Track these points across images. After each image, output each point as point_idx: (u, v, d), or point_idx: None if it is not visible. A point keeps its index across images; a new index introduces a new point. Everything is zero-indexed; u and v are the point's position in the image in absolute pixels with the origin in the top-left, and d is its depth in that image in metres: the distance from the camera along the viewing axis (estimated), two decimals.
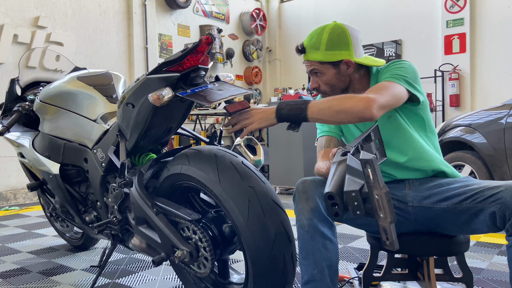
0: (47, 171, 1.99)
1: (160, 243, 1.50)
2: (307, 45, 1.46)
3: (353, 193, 0.93)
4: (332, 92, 1.46)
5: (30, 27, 4.91)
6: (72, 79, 1.97)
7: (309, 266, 1.24)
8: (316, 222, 1.24)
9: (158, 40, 6.43)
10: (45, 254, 2.53)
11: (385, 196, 0.90)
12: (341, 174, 1.00)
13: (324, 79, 1.45)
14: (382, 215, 0.90)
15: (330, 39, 1.42)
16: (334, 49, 1.42)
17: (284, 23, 8.33)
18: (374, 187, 0.91)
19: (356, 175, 0.96)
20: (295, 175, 4.66)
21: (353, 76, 1.46)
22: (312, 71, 1.47)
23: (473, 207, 1.24)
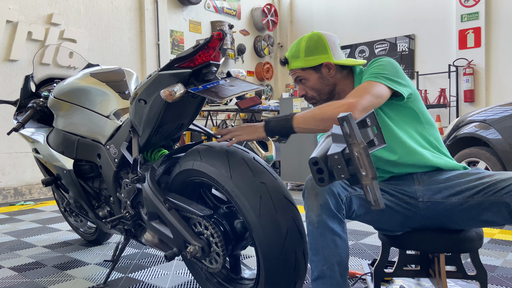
0: (61, 166, 2.02)
1: (172, 238, 1.51)
2: (288, 56, 1.56)
3: (336, 156, 0.94)
4: (319, 96, 1.53)
5: (44, 24, 4.97)
6: (85, 76, 1.99)
7: (319, 262, 1.24)
8: (325, 218, 1.23)
9: (169, 36, 6.45)
10: (60, 249, 2.57)
11: (363, 151, 0.91)
12: (328, 144, 1.02)
13: (309, 85, 1.52)
14: (364, 172, 0.91)
15: (307, 46, 1.51)
16: (312, 54, 1.50)
17: (296, 18, 8.29)
18: (352, 144, 0.92)
19: (339, 141, 0.98)
20: (306, 171, 4.65)
21: (337, 78, 1.51)
22: (297, 79, 1.55)
23: (486, 200, 1.23)
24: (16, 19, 4.70)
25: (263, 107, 6.00)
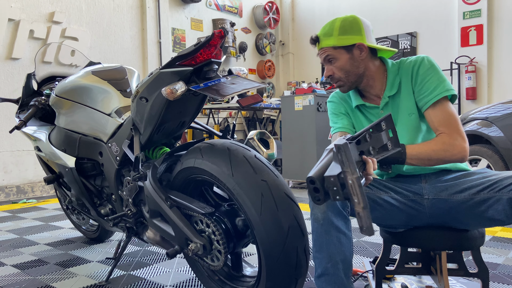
0: (63, 164, 2.02)
1: (174, 236, 1.51)
2: (320, 34, 1.50)
3: (332, 178, 0.95)
4: (346, 77, 1.48)
5: (46, 22, 4.97)
6: (87, 74, 2.00)
7: (323, 259, 1.24)
8: (330, 216, 1.23)
9: (171, 34, 6.45)
10: (62, 246, 2.58)
11: (356, 181, 0.92)
12: (328, 161, 1.02)
13: (338, 65, 1.47)
14: (356, 200, 0.92)
15: (342, 25, 1.46)
16: (346, 33, 1.45)
17: (298, 16, 8.27)
18: (346, 172, 0.93)
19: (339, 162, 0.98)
20: (308, 169, 4.65)
21: (367, 63, 1.47)
22: (326, 58, 1.49)
23: (491, 197, 1.23)
24: (18, 17, 4.70)
25: (265, 105, 6.00)
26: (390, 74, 1.48)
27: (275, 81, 8.36)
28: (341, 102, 1.58)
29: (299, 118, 4.71)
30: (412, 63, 1.45)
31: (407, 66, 1.46)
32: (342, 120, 1.56)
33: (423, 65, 1.42)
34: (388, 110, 1.47)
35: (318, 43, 1.51)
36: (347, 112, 1.57)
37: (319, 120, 4.61)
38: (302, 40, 8.21)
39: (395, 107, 1.46)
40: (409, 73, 1.45)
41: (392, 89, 1.46)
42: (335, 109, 1.59)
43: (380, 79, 1.49)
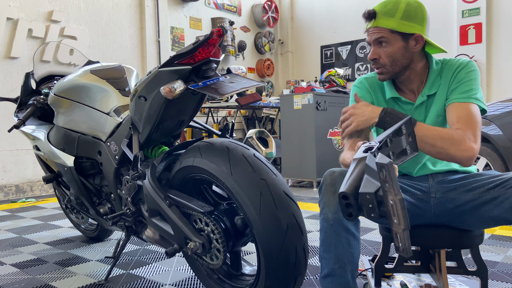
0: (62, 163, 2.02)
1: (173, 235, 1.51)
2: (380, 10, 1.37)
3: (368, 196, 0.90)
4: (391, 66, 1.39)
5: (44, 21, 4.97)
6: (85, 73, 1.99)
7: (331, 260, 1.22)
8: (341, 217, 1.21)
9: (170, 33, 6.44)
10: (61, 245, 2.58)
11: (399, 203, 0.87)
12: (359, 173, 0.97)
13: (388, 50, 1.37)
14: (396, 221, 0.88)
15: (407, 9, 1.35)
16: (409, 19, 1.35)
17: (297, 15, 8.26)
18: (388, 191, 0.88)
19: (373, 176, 0.93)
20: (308, 167, 4.65)
21: (416, 57, 1.40)
22: (377, 39, 1.37)
23: (501, 194, 1.22)
24: (17, 16, 4.69)
25: (264, 103, 5.99)
26: (433, 73, 1.41)
27: (274, 79, 8.36)
28: (369, 91, 1.49)
29: (298, 116, 4.71)
30: (456, 65, 1.39)
31: (450, 68, 1.40)
32: None
33: (467, 69, 1.37)
34: (422, 108, 1.42)
35: (374, 19, 1.37)
36: (372, 103, 1.47)
37: (318, 119, 4.61)
38: (301, 38, 8.21)
39: (428, 107, 1.41)
40: (450, 75, 1.39)
41: (432, 88, 1.40)
42: (362, 97, 1.49)
43: (420, 75, 1.42)
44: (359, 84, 1.51)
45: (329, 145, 4.75)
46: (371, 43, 1.41)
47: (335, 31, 7.69)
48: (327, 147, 4.72)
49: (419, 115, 1.42)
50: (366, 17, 1.39)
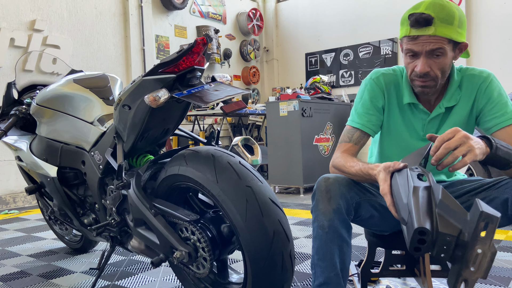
0: (45, 174, 1.99)
1: (159, 244, 1.50)
2: (437, 16, 1.17)
3: (448, 237, 0.85)
4: (441, 80, 1.26)
5: (27, 30, 4.91)
6: (68, 82, 1.98)
7: (326, 268, 1.20)
8: (337, 224, 1.20)
9: (155, 42, 6.43)
10: (45, 257, 2.53)
11: (490, 256, 0.83)
12: (427, 205, 0.90)
13: (442, 62, 1.22)
14: (473, 269, 0.84)
15: (460, 15, 1.20)
16: (462, 27, 1.21)
17: (281, 22, 8.33)
18: (482, 243, 0.83)
19: (452, 216, 0.88)
20: (294, 174, 4.67)
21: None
22: (434, 50, 1.20)
23: (487, 196, 1.23)
24: None
25: (250, 111, 6.01)
26: (453, 85, 1.32)
27: (260, 87, 8.39)
28: (383, 92, 1.37)
29: (284, 123, 4.73)
30: (481, 79, 1.32)
31: (472, 80, 1.33)
32: (371, 117, 1.37)
33: (494, 84, 1.31)
34: (437, 120, 1.36)
35: (430, 26, 1.18)
36: (383, 107, 1.38)
37: (304, 126, 4.64)
38: (286, 46, 8.27)
39: (443, 119, 1.36)
40: (475, 90, 1.32)
41: (451, 100, 1.33)
42: (374, 97, 1.37)
43: (441, 86, 1.32)
44: (376, 80, 1.37)
45: (315, 152, 4.78)
46: (420, 53, 1.23)
47: (319, 38, 7.77)
48: (313, 153, 4.75)
49: (432, 126, 1.37)
50: (421, 23, 1.18)
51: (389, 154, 1.45)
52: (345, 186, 1.24)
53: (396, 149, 1.42)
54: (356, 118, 1.39)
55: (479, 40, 6.23)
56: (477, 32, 6.23)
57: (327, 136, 4.95)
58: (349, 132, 1.40)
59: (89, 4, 5.56)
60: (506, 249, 2.38)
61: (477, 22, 6.22)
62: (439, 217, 0.87)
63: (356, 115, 1.40)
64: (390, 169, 1.08)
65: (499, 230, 2.78)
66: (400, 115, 1.38)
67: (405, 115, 1.38)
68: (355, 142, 1.37)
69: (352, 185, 1.26)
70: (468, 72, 1.35)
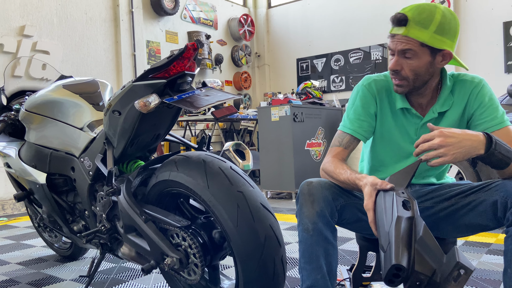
0: (34, 181, 1.97)
1: (150, 251, 1.49)
2: (413, 18, 1.23)
3: (422, 276, 0.89)
4: (413, 81, 1.29)
5: (16, 36, 4.87)
6: (57, 88, 1.96)
7: (313, 271, 1.22)
8: (321, 227, 1.21)
9: (146, 47, 6.42)
10: (34, 265, 2.50)
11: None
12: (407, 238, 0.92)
13: (414, 64, 1.26)
14: None
15: (442, 22, 1.23)
16: (442, 34, 1.23)
17: (272, 28, 8.37)
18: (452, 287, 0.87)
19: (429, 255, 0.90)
20: (286, 179, 4.67)
21: (437, 73, 1.33)
22: (403, 50, 1.26)
23: (476, 198, 1.23)
24: None
25: (242, 116, 6.01)
26: (446, 90, 1.35)
27: (252, 92, 8.41)
28: (375, 97, 1.39)
29: (276, 128, 4.74)
30: (473, 84, 1.35)
31: (464, 85, 1.36)
32: (362, 122, 1.39)
33: (485, 89, 1.34)
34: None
35: (404, 26, 1.24)
36: (375, 113, 1.40)
37: (295, 131, 4.65)
38: (277, 51, 8.30)
39: (436, 123, 1.37)
40: (466, 95, 1.35)
41: (443, 105, 1.35)
42: (365, 103, 1.39)
43: (433, 91, 1.36)
44: (368, 86, 1.40)
45: (307, 156, 4.79)
46: (394, 51, 1.29)
47: (310, 44, 7.82)
48: (305, 158, 4.76)
49: (425, 130, 1.38)
50: (394, 22, 1.26)
51: (382, 159, 1.46)
52: (328, 189, 1.26)
53: (390, 154, 1.44)
54: (347, 124, 1.41)
55: (468, 46, 6.31)
56: (465, 37, 6.32)
57: (319, 141, 4.97)
58: (339, 136, 1.42)
59: (79, 9, 5.54)
60: (496, 252, 2.40)
61: (465, 28, 6.31)
62: (416, 254, 0.91)
63: (347, 120, 1.42)
64: (377, 186, 1.11)
65: (488, 234, 2.80)
66: (393, 120, 1.40)
67: (398, 120, 1.40)
68: (345, 147, 1.39)
69: (335, 188, 1.29)
70: (460, 77, 1.38)
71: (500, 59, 6.09)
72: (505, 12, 6.04)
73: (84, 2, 5.60)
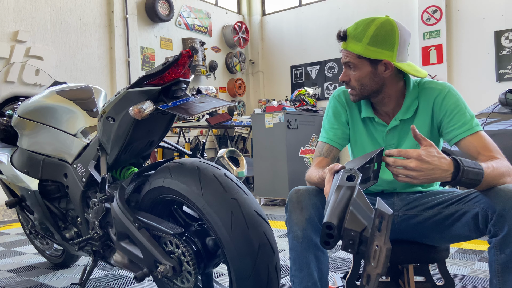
0: (26, 187, 1.95)
1: (143, 258, 1.48)
2: (350, 33, 1.34)
3: (353, 233, 0.91)
4: (361, 90, 1.36)
5: (9, 41, 4.85)
6: (51, 94, 1.95)
7: (304, 278, 1.22)
8: (310, 233, 1.22)
9: (140, 53, 6.41)
10: (25, 273, 2.46)
11: (385, 251, 0.88)
12: (344, 203, 0.96)
13: (357, 75, 1.35)
14: (373, 264, 0.88)
15: (376, 34, 1.30)
16: (377, 45, 1.30)
17: (267, 35, 8.42)
18: (378, 238, 0.89)
19: (360, 213, 0.93)
20: (280, 186, 4.67)
21: (389, 82, 1.36)
22: (346, 62, 1.36)
23: (458, 210, 1.24)
24: None
25: (236, 122, 6.01)
26: (409, 97, 1.38)
27: (246, 99, 8.42)
28: (345, 107, 1.47)
29: (270, 135, 4.75)
30: (436, 92, 1.36)
31: (428, 93, 1.37)
32: (336, 131, 1.46)
33: (449, 96, 1.34)
34: (396, 132, 1.40)
35: (344, 41, 1.35)
36: (346, 121, 1.47)
37: (289, 137, 4.66)
38: (271, 58, 8.34)
39: (403, 132, 1.40)
40: (431, 102, 1.36)
41: (407, 112, 1.38)
42: (336, 113, 1.47)
43: (396, 99, 1.39)
44: (338, 98, 1.48)
45: (300, 163, 4.80)
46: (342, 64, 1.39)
47: (304, 51, 7.87)
48: (299, 165, 4.77)
49: (391, 138, 1.41)
50: (338, 38, 1.36)
51: None
52: (316, 196, 1.27)
53: None
54: (324, 134, 1.48)
55: (460, 55, 6.38)
56: (457, 47, 6.40)
57: (313, 148, 4.98)
58: (319, 146, 1.48)
59: (73, 15, 5.53)
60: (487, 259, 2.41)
61: (457, 38, 6.39)
62: (350, 214, 0.93)
63: (323, 131, 1.49)
64: (331, 170, 1.13)
65: (480, 241, 2.82)
66: (363, 127, 1.45)
67: (367, 127, 1.45)
68: (325, 155, 1.45)
69: (322, 194, 1.29)
70: (426, 85, 1.39)
71: (492, 68, 6.16)
72: (496, 22, 6.12)
73: (78, 8, 5.60)
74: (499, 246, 1.11)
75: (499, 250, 1.11)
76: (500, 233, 1.10)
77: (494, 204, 1.12)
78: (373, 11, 6.99)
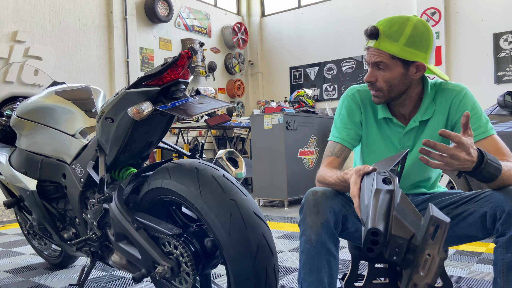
0: (24, 187, 1.95)
1: (141, 259, 1.47)
2: (383, 31, 1.26)
3: (400, 240, 0.87)
4: (388, 92, 1.32)
5: (8, 41, 4.85)
6: (50, 94, 1.95)
7: (313, 283, 1.20)
8: (324, 238, 1.19)
9: (139, 54, 6.42)
10: (23, 273, 2.46)
11: (439, 262, 0.84)
12: (385, 208, 0.91)
13: (387, 76, 1.29)
14: (422, 274, 0.84)
15: (413, 34, 1.25)
16: (413, 46, 1.26)
17: (266, 36, 8.43)
18: (432, 249, 0.84)
19: (407, 219, 0.89)
20: (279, 187, 4.67)
21: (414, 84, 1.34)
22: (376, 63, 1.30)
23: (467, 209, 1.23)
24: None
25: (235, 123, 6.02)
26: (427, 99, 1.36)
27: (245, 100, 8.43)
28: (360, 107, 1.43)
29: (268, 136, 4.75)
30: (454, 93, 1.35)
31: (446, 94, 1.37)
32: (349, 131, 1.42)
33: (467, 99, 1.34)
34: (412, 134, 1.39)
35: (375, 39, 1.27)
36: (360, 122, 1.43)
37: (288, 139, 4.66)
38: (270, 60, 8.35)
39: (419, 133, 1.38)
40: (448, 103, 1.36)
41: (425, 114, 1.36)
42: (351, 112, 1.42)
43: (415, 101, 1.37)
44: (352, 97, 1.44)
45: (299, 165, 4.80)
46: (369, 63, 1.33)
47: (303, 53, 7.88)
48: (298, 166, 4.77)
49: (408, 139, 1.40)
50: (367, 35, 1.29)
51: None
52: (333, 199, 1.24)
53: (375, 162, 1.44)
54: (336, 133, 1.44)
55: (458, 57, 6.40)
56: (456, 48, 6.41)
57: (311, 149, 4.99)
58: (330, 146, 1.44)
59: (72, 16, 5.53)
60: (486, 261, 2.41)
61: (456, 40, 6.41)
62: (394, 219, 0.89)
63: (335, 130, 1.45)
64: (360, 172, 1.10)
65: (480, 243, 2.82)
66: (377, 129, 1.42)
67: (382, 129, 1.42)
68: (337, 155, 1.41)
69: (339, 197, 1.27)
70: (442, 86, 1.39)
71: (490, 69, 6.18)
72: (495, 24, 6.14)
73: (77, 8, 5.60)
74: (506, 245, 1.10)
75: (505, 249, 1.10)
76: (508, 232, 1.10)
77: (503, 204, 1.12)
78: (372, 13, 7.00)
